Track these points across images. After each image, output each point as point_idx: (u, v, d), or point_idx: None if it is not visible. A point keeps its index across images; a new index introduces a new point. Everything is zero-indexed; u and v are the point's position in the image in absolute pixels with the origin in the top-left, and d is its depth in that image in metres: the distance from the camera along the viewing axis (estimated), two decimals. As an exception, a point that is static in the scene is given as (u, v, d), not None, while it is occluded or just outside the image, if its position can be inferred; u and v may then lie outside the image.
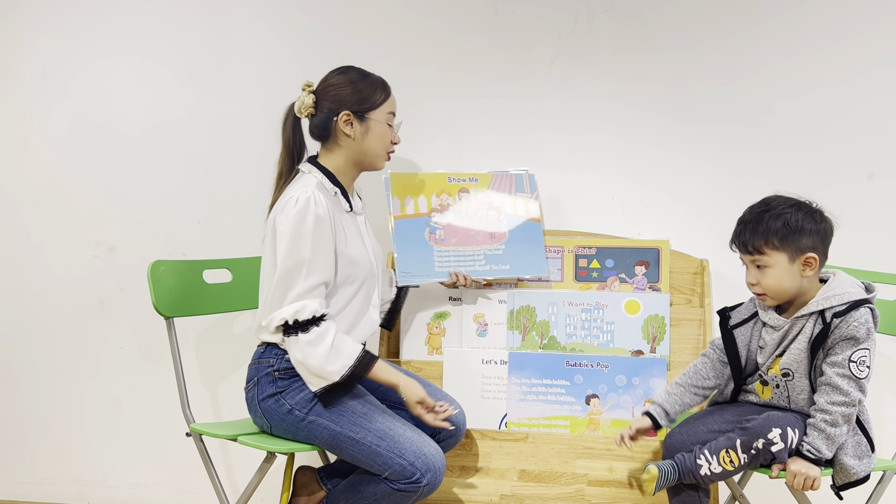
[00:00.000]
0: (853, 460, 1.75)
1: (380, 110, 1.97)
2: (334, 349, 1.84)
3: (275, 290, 1.84)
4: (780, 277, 1.76)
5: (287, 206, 1.86)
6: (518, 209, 2.29)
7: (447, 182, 2.28)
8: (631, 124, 2.42)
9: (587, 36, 2.42)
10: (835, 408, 1.70)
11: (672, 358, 2.24)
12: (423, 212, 2.25)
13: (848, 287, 1.75)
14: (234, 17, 2.53)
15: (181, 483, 2.62)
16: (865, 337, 1.70)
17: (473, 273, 2.22)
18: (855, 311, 1.71)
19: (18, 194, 2.64)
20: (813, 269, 1.76)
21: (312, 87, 1.98)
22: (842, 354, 1.71)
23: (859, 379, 1.70)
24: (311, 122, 2.00)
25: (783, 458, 1.72)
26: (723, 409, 1.93)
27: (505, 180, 2.31)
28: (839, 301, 1.73)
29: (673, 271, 2.29)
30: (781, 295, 1.78)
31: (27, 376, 2.66)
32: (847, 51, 2.32)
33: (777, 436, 1.71)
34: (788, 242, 1.74)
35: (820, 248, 1.76)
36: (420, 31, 2.47)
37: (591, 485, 2.14)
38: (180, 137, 2.56)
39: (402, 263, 2.20)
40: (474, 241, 2.26)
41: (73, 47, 2.58)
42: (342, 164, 1.99)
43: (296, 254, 1.83)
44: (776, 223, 1.74)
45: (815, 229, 1.75)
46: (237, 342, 2.55)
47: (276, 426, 1.92)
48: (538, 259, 2.25)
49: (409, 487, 1.80)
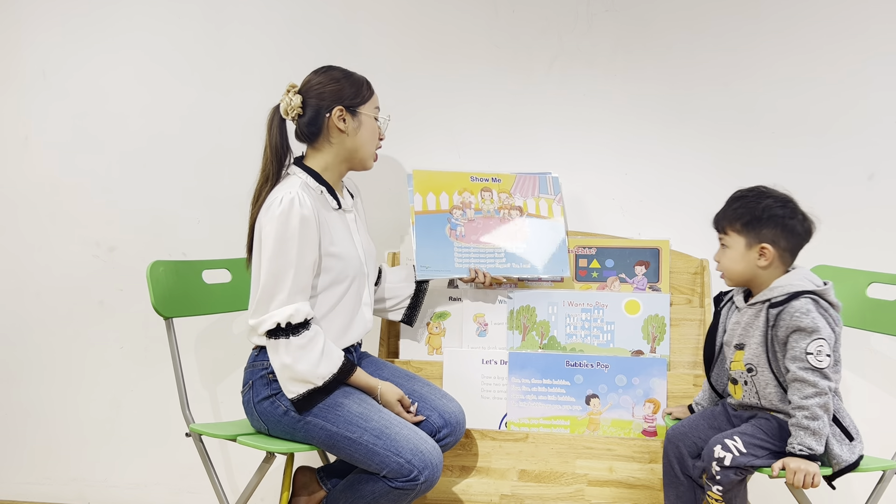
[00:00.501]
0: (836, 448, 1.76)
1: (369, 105, 1.98)
2: (325, 354, 1.85)
3: (262, 292, 1.84)
4: (735, 259, 1.85)
5: (271, 208, 1.85)
6: (541, 210, 2.29)
7: (470, 181, 2.28)
8: (631, 124, 2.42)
9: (587, 36, 2.42)
10: (809, 401, 1.72)
11: (672, 358, 2.24)
12: (444, 208, 2.25)
13: (794, 280, 1.80)
14: (235, 17, 2.53)
15: (181, 483, 2.62)
16: (814, 326, 1.73)
17: (493, 270, 2.21)
18: (795, 301, 1.75)
19: (18, 194, 2.64)
20: (767, 261, 1.82)
21: (297, 88, 1.98)
22: (798, 347, 1.74)
23: (821, 369, 1.72)
24: (299, 122, 1.97)
25: (741, 462, 1.75)
26: (722, 407, 1.96)
27: (528, 182, 2.30)
28: (780, 293, 1.79)
29: (673, 271, 2.29)
30: (734, 276, 1.87)
31: (27, 376, 2.66)
32: (847, 50, 2.32)
33: (720, 450, 1.76)
34: (749, 230, 1.82)
35: (781, 244, 1.81)
36: (420, 30, 2.47)
37: (591, 485, 2.14)
38: (180, 137, 2.56)
39: (422, 257, 2.19)
40: (496, 239, 2.25)
41: (73, 47, 2.58)
42: (330, 162, 1.98)
43: (282, 256, 1.82)
44: (744, 209, 1.83)
45: (782, 224, 1.81)
46: (237, 342, 2.55)
47: (272, 428, 1.92)
48: (560, 260, 2.25)
49: (406, 485, 1.80)
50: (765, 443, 1.78)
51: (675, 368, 2.23)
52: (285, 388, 1.85)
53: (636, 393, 2.18)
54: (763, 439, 1.78)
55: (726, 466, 1.75)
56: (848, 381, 2.29)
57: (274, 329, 1.82)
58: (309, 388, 1.84)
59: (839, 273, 2.14)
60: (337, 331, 1.95)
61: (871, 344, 2.32)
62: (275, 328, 1.82)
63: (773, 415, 1.83)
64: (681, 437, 1.92)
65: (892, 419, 2.30)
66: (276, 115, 1.97)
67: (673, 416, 2.07)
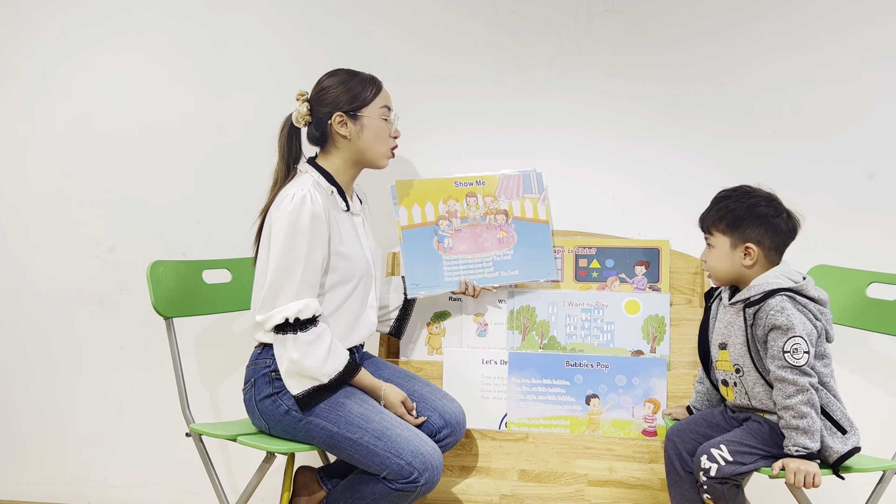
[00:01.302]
0: (828, 440, 1.77)
1: (372, 106, 1.97)
2: (332, 351, 1.85)
3: (270, 286, 1.84)
4: (720, 259, 1.86)
5: (283, 204, 1.86)
6: (526, 212, 2.28)
7: (454, 187, 2.27)
8: (631, 124, 2.42)
9: (587, 35, 2.42)
10: (792, 400, 1.73)
11: (672, 358, 2.24)
12: (430, 220, 2.24)
13: (770, 278, 1.81)
14: (235, 17, 2.52)
15: (181, 483, 2.62)
16: (789, 324, 1.73)
17: (482, 281, 2.22)
18: (770, 299, 1.76)
19: (18, 194, 2.64)
20: (752, 260, 1.83)
21: (306, 96, 1.99)
22: (775, 346, 1.75)
23: (799, 367, 1.73)
24: (308, 129, 2.01)
25: (727, 472, 1.75)
26: (722, 407, 1.97)
27: (512, 182, 2.29)
28: (756, 291, 1.80)
29: (673, 271, 2.29)
30: (719, 276, 1.88)
31: (27, 376, 2.66)
32: (846, 49, 2.32)
33: (706, 461, 1.77)
34: (733, 230, 1.84)
35: (766, 243, 1.82)
36: (420, 30, 2.47)
37: (590, 485, 2.14)
38: (180, 137, 2.56)
39: (412, 275, 2.19)
40: (483, 247, 2.25)
41: (73, 47, 2.58)
42: (341, 164, 1.99)
43: (293, 251, 1.83)
44: (728, 210, 1.84)
45: (766, 224, 1.82)
46: (237, 342, 2.55)
47: (273, 427, 1.92)
48: (547, 262, 2.25)
49: (406, 487, 1.80)
50: (754, 448, 1.78)
51: (675, 368, 2.23)
52: (289, 384, 1.85)
53: (636, 393, 2.18)
54: (752, 444, 1.78)
55: (713, 477, 1.76)
56: (848, 380, 2.29)
57: (282, 324, 1.82)
58: (314, 384, 1.84)
59: (839, 273, 2.14)
60: (342, 331, 1.95)
61: (871, 344, 2.32)
62: (283, 323, 1.82)
63: (765, 417, 1.83)
64: (679, 435, 1.93)
65: (892, 419, 2.31)
66: (287, 123, 2.00)
67: (671, 416, 2.07)
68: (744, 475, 1.78)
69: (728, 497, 1.79)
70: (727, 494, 1.78)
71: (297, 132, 2.01)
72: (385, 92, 2.01)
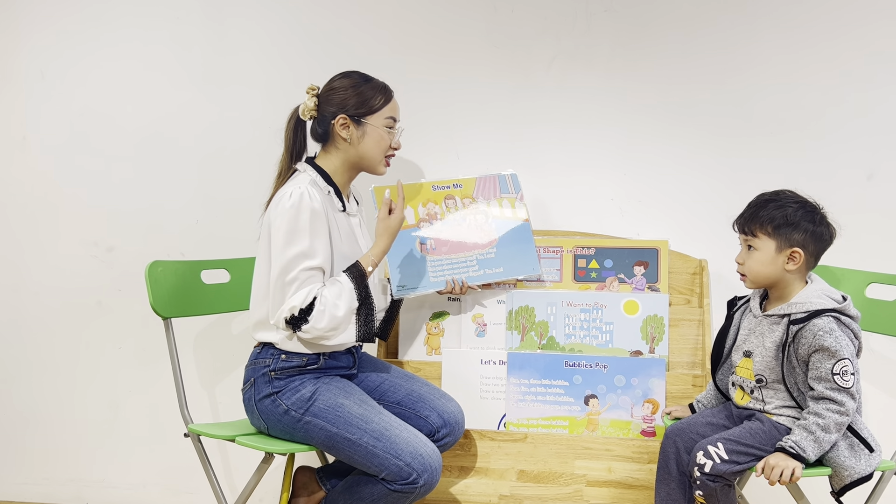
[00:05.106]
0: (850, 461, 1.76)
1: (378, 115, 1.97)
2: (341, 294, 1.86)
3: (276, 282, 1.84)
4: (763, 262, 1.83)
5: (282, 202, 1.86)
6: (505, 211, 2.28)
7: (432, 191, 2.27)
8: (630, 124, 2.42)
9: (586, 36, 2.42)
10: (829, 413, 1.72)
11: (671, 358, 2.24)
12: (411, 223, 2.24)
13: (813, 297, 1.80)
14: (234, 18, 2.52)
15: (179, 483, 2.62)
16: (837, 346, 1.73)
17: (468, 279, 2.22)
18: (817, 319, 1.75)
19: (17, 195, 2.63)
20: (796, 265, 1.81)
21: (316, 91, 1.99)
22: (822, 368, 1.74)
23: (847, 389, 1.73)
24: (313, 123, 2.01)
25: (720, 469, 1.75)
26: (722, 405, 1.98)
27: (489, 183, 2.29)
28: (800, 309, 1.79)
29: (672, 271, 2.29)
30: (759, 279, 1.85)
31: (25, 376, 2.66)
32: (845, 49, 2.32)
33: (701, 456, 1.77)
34: (780, 233, 1.81)
35: (810, 248, 1.81)
36: (419, 30, 2.47)
37: (589, 485, 2.14)
38: (179, 137, 2.56)
39: (397, 277, 2.19)
40: (465, 247, 2.25)
41: (72, 48, 2.58)
42: (338, 165, 2.00)
43: (294, 246, 1.83)
44: (776, 213, 1.81)
45: (810, 229, 1.81)
46: (235, 342, 2.55)
47: (272, 427, 1.91)
48: (530, 258, 2.25)
49: (405, 488, 1.80)
50: (751, 448, 1.77)
51: (674, 369, 2.23)
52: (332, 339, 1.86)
53: (635, 393, 2.17)
54: (749, 444, 1.78)
55: (706, 473, 1.76)
56: (847, 381, 2.29)
57: (297, 316, 1.82)
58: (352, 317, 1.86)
59: (838, 273, 2.14)
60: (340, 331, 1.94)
61: (871, 344, 2.32)
62: (297, 315, 1.82)
63: (769, 417, 1.83)
64: (678, 433, 1.92)
65: (892, 419, 2.31)
66: (294, 115, 2.00)
67: (672, 415, 2.07)
68: (736, 474, 1.78)
69: (720, 496, 1.78)
70: (719, 493, 1.78)
71: (303, 125, 2.02)
72: (394, 103, 2.01)
